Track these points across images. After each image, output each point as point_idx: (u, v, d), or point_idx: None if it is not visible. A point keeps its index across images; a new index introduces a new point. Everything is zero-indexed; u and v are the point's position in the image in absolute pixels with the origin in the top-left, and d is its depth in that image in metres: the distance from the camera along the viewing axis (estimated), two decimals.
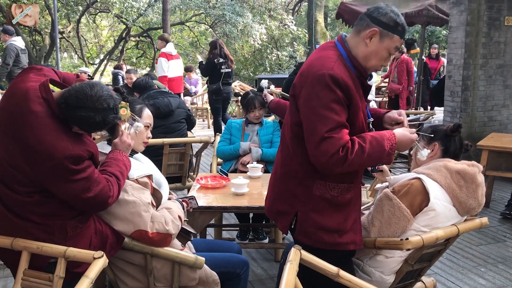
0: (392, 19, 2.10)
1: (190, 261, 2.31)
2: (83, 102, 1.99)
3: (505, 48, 6.61)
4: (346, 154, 1.99)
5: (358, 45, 2.15)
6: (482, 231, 4.49)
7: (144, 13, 16.67)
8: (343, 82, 2.02)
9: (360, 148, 2.03)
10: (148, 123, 2.60)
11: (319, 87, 2.02)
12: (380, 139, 2.07)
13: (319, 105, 2.01)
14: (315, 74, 2.04)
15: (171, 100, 4.50)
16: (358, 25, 2.17)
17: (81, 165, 2.01)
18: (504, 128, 6.73)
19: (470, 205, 2.32)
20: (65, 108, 2.00)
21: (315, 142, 2.02)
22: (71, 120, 2.02)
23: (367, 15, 2.15)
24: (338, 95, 2.01)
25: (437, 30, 19.30)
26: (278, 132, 4.20)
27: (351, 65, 2.13)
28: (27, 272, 2.06)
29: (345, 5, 9.76)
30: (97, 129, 2.11)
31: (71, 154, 1.97)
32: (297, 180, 2.21)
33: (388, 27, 2.09)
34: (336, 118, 2.01)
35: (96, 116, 2.01)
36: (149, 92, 4.60)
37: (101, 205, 2.11)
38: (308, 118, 2.06)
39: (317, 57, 2.16)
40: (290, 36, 18.49)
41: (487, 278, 3.62)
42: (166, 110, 4.42)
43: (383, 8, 2.13)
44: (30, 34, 16.59)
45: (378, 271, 2.36)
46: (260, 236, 4.11)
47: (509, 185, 5.54)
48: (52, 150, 1.95)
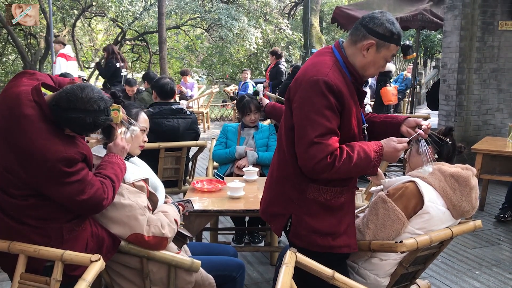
0: (388, 29, 2.10)
1: (186, 265, 2.32)
2: (74, 104, 2.00)
3: (499, 53, 6.65)
4: (333, 161, 2.02)
5: (355, 55, 2.16)
6: (476, 234, 4.51)
7: (139, 17, 16.66)
8: (337, 88, 2.04)
9: (348, 157, 2.05)
10: (144, 127, 2.61)
11: (312, 93, 2.04)
12: (368, 151, 2.10)
13: (311, 110, 2.03)
14: (309, 79, 2.06)
15: (181, 122, 4.22)
16: (354, 34, 2.17)
17: (74, 168, 2.02)
18: (498, 132, 6.77)
19: (464, 208, 2.34)
20: (56, 110, 2.01)
21: (304, 146, 2.04)
22: (63, 122, 2.03)
23: (363, 25, 2.13)
24: (331, 101, 2.03)
25: (432, 34, 19.40)
26: (273, 136, 4.22)
27: (347, 71, 2.15)
28: (24, 276, 2.06)
29: (340, 9, 9.80)
30: (88, 130, 2.11)
31: (64, 157, 1.98)
32: (292, 183, 2.23)
33: (385, 38, 2.10)
34: (327, 124, 2.03)
35: (87, 117, 2.02)
36: (161, 108, 4.20)
37: (95, 208, 2.11)
38: (299, 122, 2.08)
39: (313, 62, 2.17)
40: (286, 40, 18.54)
41: (482, 281, 3.64)
42: (171, 136, 4.16)
43: (378, 18, 2.12)
44: (25, 37, 16.57)
45: (373, 273, 2.37)
46: (255, 239, 4.12)
47: (503, 188, 5.57)
48: (46, 154, 1.96)
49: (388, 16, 2.14)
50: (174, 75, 19.46)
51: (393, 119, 2.38)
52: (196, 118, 4.44)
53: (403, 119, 2.33)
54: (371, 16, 2.14)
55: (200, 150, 4.46)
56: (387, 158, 2.17)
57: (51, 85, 2.25)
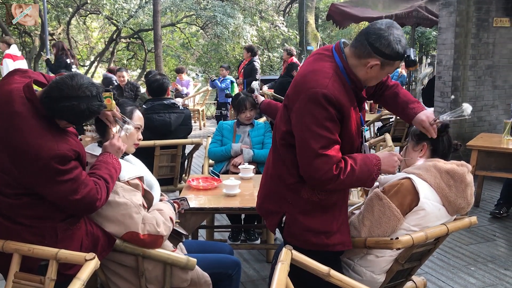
0: (394, 50, 2.03)
1: (182, 263, 2.32)
2: (65, 92, 1.99)
3: (494, 49, 6.66)
4: (339, 174, 2.06)
5: (357, 67, 2.11)
6: (472, 231, 4.52)
7: (134, 14, 16.61)
8: (336, 101, 2.03)
9: (352, 170, 2.09)
10: (138, 125, 2.59)
11: (312, 105, 2.03)
12: (369, 164, 2.14)
13: (313, 123, 2.03)
14: (308, 91, 2.04)
15: (173, 117, 4.21)
16: (357, 48, 2.08)
17: (67, 165, 2.00)
18: (493, 128, 6.78)
19: (460, 204, 2.35)
20: (48, 102, 1.99)
21: (309, 158, 2.05)
22: (56, 113, 2.02)
23: (369, 43, 2.04)
24: (331, 112, 2.03)
25: (427, 31, 19.42)
26: (269, 133, 4.21)
27: (347, 77, 2.12)
28: (19, 275, 2.05)
29: (335, 6, 9.81)
30: (83, 118, 2.08)
31: (57, 154, 1.97)
32: (285, 184, 2.25)
33: (390, 57, 2.05)
34: (329, 135, 2.04)
35: (81, 104, 2.00)
36: (153, 103, 4.23)
37: (89, 208, 2.10)
38: (301, 134, 2.08)
39: (313, 70, 2.13)
40: (281, 38, 18.52)
41: (477, 277, 3.65)
42: (162, 130, 4.18)
43: (386, 37, 2.02)
44: (20, 36, 16.50)
45: (369, 270, 2.38)
46: (252, 237, 4.12)
47: (498, 184, 5.58)
48: (39, 151, 1.94)
49: (395, 33, 2.04)
50: (169, 73, 19.41)
51: (410, 111, 2.41)
52: (190, 113, 4.44)
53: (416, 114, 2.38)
54: (378, 34, 2.03)
55: (195, 148, 4.45)
56: (385, 169, 2.24)
57: (43, 82, 2.23)
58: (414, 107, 2.41)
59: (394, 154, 2.29)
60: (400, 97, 2.45)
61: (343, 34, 21.81)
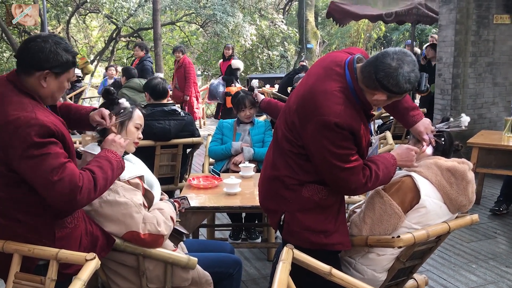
0: (402, 88, 2.01)
1: (183, 262, 2.31)
2: (30, 42, 2.01)
3: (494, 46, 6.65)
4: (366, 182, 2.16)
5: (366, 92, 2.12)
6: (473, 228, 4.52)
7: (134, 13, 16.57)
8: (348, 127, 2.08)
9: (376, 176, 2.19)
10: (138, 124, 2.59)
11: (326, 132, 2.08)
12: (389, 166, 2.24)
13: (330, 144, 2.09)
14: (321, 118, 2.07)
15: (173, 124, 4.08)
16: (366, 78, 2.07)
17: (45, 139, 1.92)
18: (493, 126, 6.78)
19: (461, 202, 2.34)
20: (21, 63, 2.02)
21: (335, 174, 2.14)
22: (30, 66, 2.01)
23: (377, 79, 2.01)
24: (344, 134, 2.08)
25: (427, 28, 19.39)
26: (269, 132, 4.21)
27: (357, 99, 2.13)
28: (19, 275, 2.04)
29: (335, 4, 9.77)
30: (58, 57, 2.02)
31: (36, 123, 1.91)
32: (285, 185, 2.28)
33: (398, 94, 2.08)
34: (348, 151, 2.12)
35: (46, 44, 2.00)
36: (154, 110, 4.06)
37: (68, 198, 1.92)
38: (320, 154, 2.13)
39: (323, 90, 2.11)
40: (281, 36, 18.49)
41: (478, 275, 3.65)
42: (162, 137, 4.06)
43: (394, 77, 1.98)
44: (19, 35, 16.47)
45: (370, 269, 2.37)
46: (253, 235, 4.11)
47: (499, 182, 5.57)
48: (17, 121, 1.90)
49: (405, 71, 1.99)
50: (169, 71, 19.38)
51: (410, 118, 2.47)
52: (192, 119, 4.30)
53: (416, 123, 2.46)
54: (386, 72, 1.99)
55: (196, 147, 4.44)
56: (401, 164, 2.34)
57: None
58: (414, 115, 2.46)
59: (412, 148, 2.33)
60: (401, 102, 2.46)
61: (343, 32, 21.78)
